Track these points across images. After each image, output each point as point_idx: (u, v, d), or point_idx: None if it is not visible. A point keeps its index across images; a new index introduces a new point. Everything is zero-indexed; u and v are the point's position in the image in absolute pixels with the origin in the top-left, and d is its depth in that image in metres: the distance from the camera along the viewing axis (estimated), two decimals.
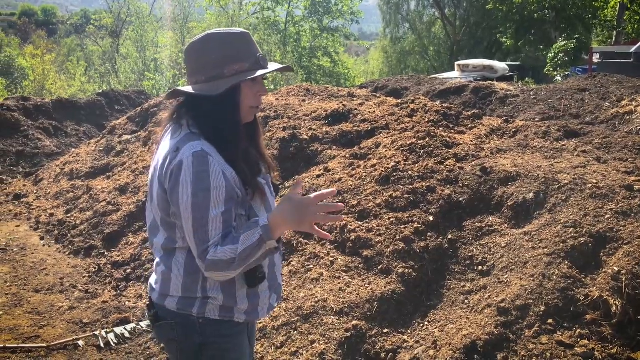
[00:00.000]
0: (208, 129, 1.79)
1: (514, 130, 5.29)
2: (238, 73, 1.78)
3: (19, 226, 6.70)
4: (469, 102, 9.99)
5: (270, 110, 6.49)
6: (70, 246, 5.83)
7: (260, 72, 1.80)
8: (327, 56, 31.42)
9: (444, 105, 5.91)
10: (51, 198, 7.47)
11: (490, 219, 4.06)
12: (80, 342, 4.00)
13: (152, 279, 2.00)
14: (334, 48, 31.90)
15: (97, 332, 4.12)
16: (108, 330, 4.13)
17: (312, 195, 1.66)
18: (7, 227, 6.68)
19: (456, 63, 20.66)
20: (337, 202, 1.87)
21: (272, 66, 1.88)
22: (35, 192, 7.99)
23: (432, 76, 16.29)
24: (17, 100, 12.06)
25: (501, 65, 18.10)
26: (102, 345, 3.98)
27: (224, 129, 1.80)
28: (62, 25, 66.47)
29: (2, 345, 3.88)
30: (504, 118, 5.85)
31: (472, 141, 5.00)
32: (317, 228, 1.69)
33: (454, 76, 17.07)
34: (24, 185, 8.54)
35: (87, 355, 3.88)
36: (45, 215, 6.85)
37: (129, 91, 14.83)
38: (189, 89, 1.82)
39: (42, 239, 6.23)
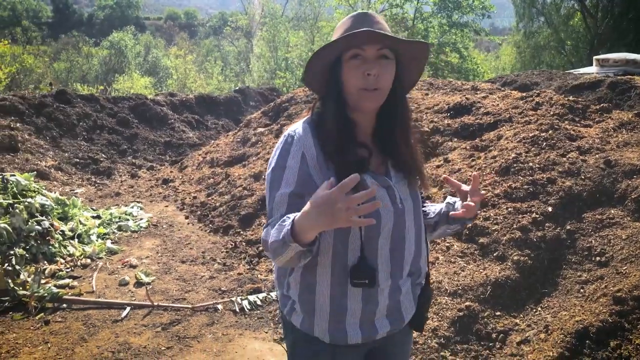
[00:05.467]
0: (317, 113, 1.71)
1: None
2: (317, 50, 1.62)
3: (167, 206, 7.57)
4: (604, 98, 9.51)
5: None
6: (210, 225, 6.51)
7: (328, 43, 1.59)
8: (455, 52, 30.86)
9: (570, 98, 5.82)
10: (194, 183, 8.31)
11: (612, 212, 4.03)
12: (219, 306, 4.54)
13: None
14: (462, 44, 31.22)
15: (233, 299, 4.64)
16: (243, 298, 4.64)
17: (334, 188, 1.30)
18: (157, 207, 7.56)
19: (594, 57, 19.44)
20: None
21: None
22: (180, 177, 8.91)
23: (567, 71, 15.55)
24: (166, 96, 13.38)
25: None
26: (237, 310, 4.49)
27: (323, 112, 1.68)
28: (202, 28, 71.19)
29: (156, 304, 4.52)
30: (636, 112, 5.63)
31: (597, 134, 4.92)
32: (356, 219, 1.32)
33: (591, 71, 16.14)
34: (171, 172, 9.54)
35: (225, 317, 4.40)
36: (189, 198, 7.66)
37: (261, 88, 15.78)
38: None
39: (186, 218, 7.01)
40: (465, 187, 1.81)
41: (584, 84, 10.40)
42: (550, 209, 4.23)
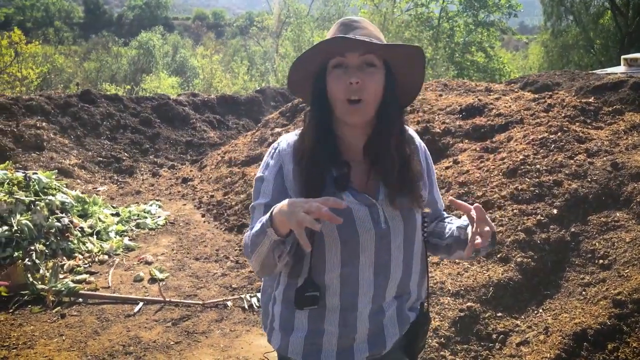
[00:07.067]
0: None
1: None
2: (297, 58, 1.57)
3: (185, 205, 7.74)
4: (627, 99, 9.36)
5: None
6: (225, 223, 6.64)
7: (307, 50, 1.53)
8: (481, 51, 30.56)
9: (582, 100, 5.79)
10: (212, 182, 8.47)
11: (617, 215, 4.02)
12: (229, 303, 4.66)
13: None
14: (489, 43, 30.90)
15: (243, 296, 4.74)
16: (252, 295, 4.74)
17: (312, 199, 1.34)
18: (176, 205, 7.74)
19: (622, 57, 19.10)
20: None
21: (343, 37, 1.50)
22: (199, 176, 9.08)
23: (592, 71, 15.32)
24: (188, 96, 13.62)
25: None
26: (246, 307, 4.60)
27: (306, 124, 1.63)
28: (228, 27, 71.84)
29: (168, 299, 4.65)
30: None
31: (607, 137, 4.90)
32: (303, 234, 1.31)
33: (618, 71, 15.87)
34: (191, 171, 9.73)
35: (234, 314, 4.51)
36: (207, 197, 7.81)
37: (283, 88, 15.91)
38: None
39: (203, 216, 7.16)
40: (474, 213, 1.52)
41: (606, 85, 10.23)
42: (555, 211, 4.24)
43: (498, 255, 4.10)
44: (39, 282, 4.70)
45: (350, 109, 1.51)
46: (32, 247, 5.10)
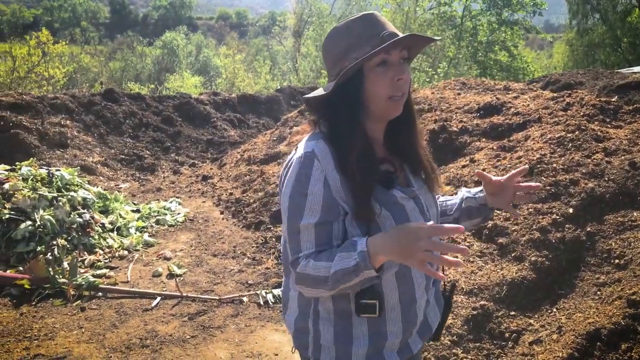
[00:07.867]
0: (327, 129, 1.57)
1: None
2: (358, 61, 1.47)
3: (204, 202, 7.83)
4: None
5: (425, 104, 6.79)
6: (243, 220, 6.71)
7: (370, 53, 1.45)
8: (505, 50, 30.23)
9: (602, 99, 5.72)
10: (231, 180, 8.55)
11: (635, 214, 3.98)
12: (245, 299, 4.71)
13: None
14: (512, 42, 30.55)
15: (258, 292, 4.80)
16: (267, 291, 4.79)
17: (428, 225, 1.32)
18: (195, 202, 7.83)
19: None
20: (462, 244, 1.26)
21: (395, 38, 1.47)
22: (219, 174, 9.18)
23: (616, 70, 15.07)
24: (209, 95, 13.76)
25: None
26: (261, 302, 4.65)
27: (339, 129, 1.53)
28: (251, 27, 72.26)
29: (185, 294, 4.73)
30: None
31: (626, 136, 4.84)
32: (429, 267, 1.31)
33: None
34: (211, 169, 9.83)
35: (249, 309, 4.56)
36: (226, 194, 7.90)
37: (303, 87, 15.99)
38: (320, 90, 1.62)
39: (221, 213, 7.24)
40: (497, 178, 1.78)
41: (630, 84, 10.06)
42: (571, 210, 4.20)
43: (512, 254, 4.08)
44: (60, 276, 4.81)
45: (392, 103, 1.52)
46: (54, 242, 5.22)
